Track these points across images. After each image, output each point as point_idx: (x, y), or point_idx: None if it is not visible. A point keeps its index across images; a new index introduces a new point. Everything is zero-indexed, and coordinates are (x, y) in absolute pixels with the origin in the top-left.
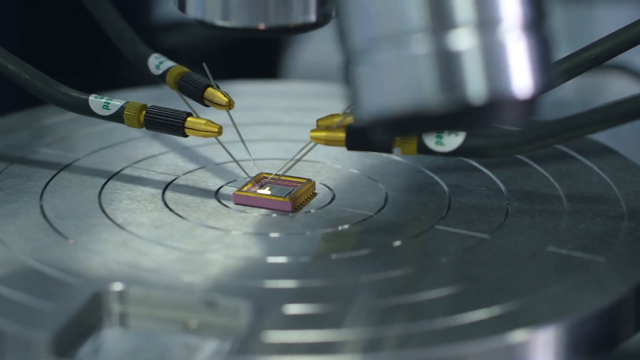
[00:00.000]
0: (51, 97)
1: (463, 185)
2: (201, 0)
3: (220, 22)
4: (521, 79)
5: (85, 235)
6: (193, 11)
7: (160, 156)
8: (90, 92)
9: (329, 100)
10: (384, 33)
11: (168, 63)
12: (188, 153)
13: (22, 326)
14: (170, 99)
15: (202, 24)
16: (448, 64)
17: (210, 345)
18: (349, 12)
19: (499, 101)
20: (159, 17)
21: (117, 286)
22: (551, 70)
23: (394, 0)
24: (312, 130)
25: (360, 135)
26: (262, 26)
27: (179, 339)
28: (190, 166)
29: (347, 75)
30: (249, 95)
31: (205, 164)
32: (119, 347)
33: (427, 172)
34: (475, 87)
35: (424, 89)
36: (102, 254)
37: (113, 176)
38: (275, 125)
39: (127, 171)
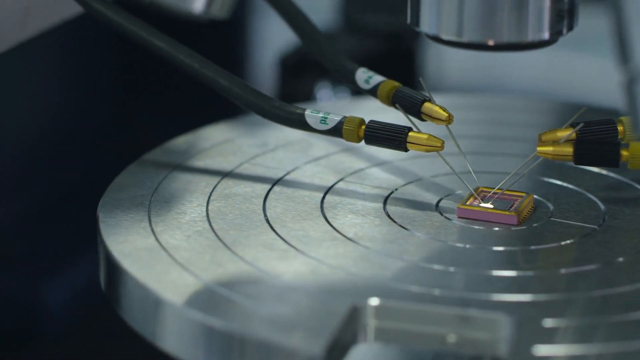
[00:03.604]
0: (265, 112)
1: None
2: (435, 18)
3: (453, 38)
4: None
5: (320, 249)
6: (427, 28)
7: (367, 170)
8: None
9: (507, 113)
10: None
11: (377, 77)
12: (391, 167)
13: (290, 340)
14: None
15: (435, 39)
16: None
17: None
18: (634, 34)
19: None
20: None
21: (374, 301)
22: None
23: None
24: (539, 145)
25: (588, 150)
26: (491, 42)
27: (437, 354)
28: (400, 180)
29: (629, 93)
30: None
31: (413, 178)
32: None
33: (636, 185)
34: None
35: None
36: (343, 269)
37: (329, 190)
38: (467, 138)
39: (341, 185)
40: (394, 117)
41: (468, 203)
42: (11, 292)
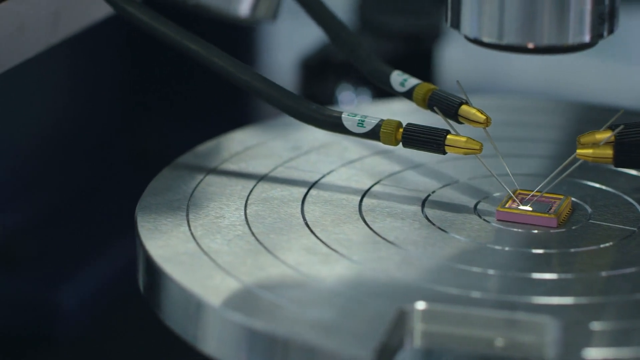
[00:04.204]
0: (302, 115)
1: None
2: (477, 21)
3: (493, 41)
4: None
5: (362, 253)
6: (468, 31)
7: (402, 173)
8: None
9: (530, 114)
10: None
11: (413, 80)
12: (426, 170)
13: (338, 344)
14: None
15: (476, 42)
16: None
17: None
18: None
19: None
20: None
21: (421, 305)
22: None
23: None
24: (579, 148)
25: (629, 152)
26: (531, 45)
27: (484, 357)
28: (435, 183)
29: None
30: None
31: (449, 181)
32: None
33: None
34: None
35: None
36: (387, 272)
37: (366, 193)
38: (495, 140)
39: (378, 188)
40: (420, 118)
41: (507, 206)
42: (22, 296)
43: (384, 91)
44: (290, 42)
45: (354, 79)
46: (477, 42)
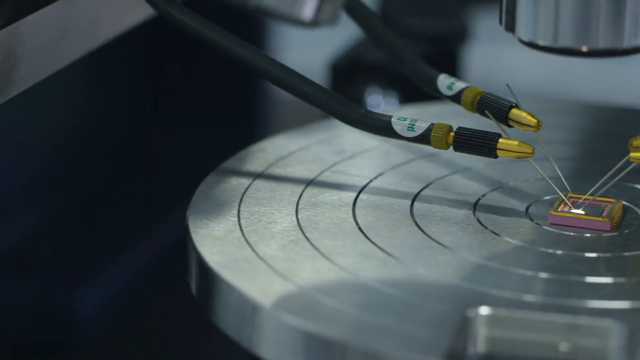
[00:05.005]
0: (351, 119)
1: None
2: (532, 24)
3: (548, 44)
4: None
5: (419, 258)
6: (523, 34)
7: (450, 177)
8: None
9: (560, 117)
10: None
11: (460, 84)
12: (472, 173)
13: (406, 352)
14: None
15: (530, 45)
16: None
17: None
18: None
19: None
20: None
21: (485, 310)
22: None
23: None
24: (632, 151)
25: None
26: (585, 48)
27: None
28: (483, 187)
29: None
30: None
31: (496, 184)
32: None
33: None
34: None
35: None
36: (444, 277)
37: (416, 196)
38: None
39: (427, 192)
40: (460, 121)
41: (559, 209)
42: (37, 299)
43: (410, 94)
44: (318, 44)
45: (382, 81)
46: (531, 45)
